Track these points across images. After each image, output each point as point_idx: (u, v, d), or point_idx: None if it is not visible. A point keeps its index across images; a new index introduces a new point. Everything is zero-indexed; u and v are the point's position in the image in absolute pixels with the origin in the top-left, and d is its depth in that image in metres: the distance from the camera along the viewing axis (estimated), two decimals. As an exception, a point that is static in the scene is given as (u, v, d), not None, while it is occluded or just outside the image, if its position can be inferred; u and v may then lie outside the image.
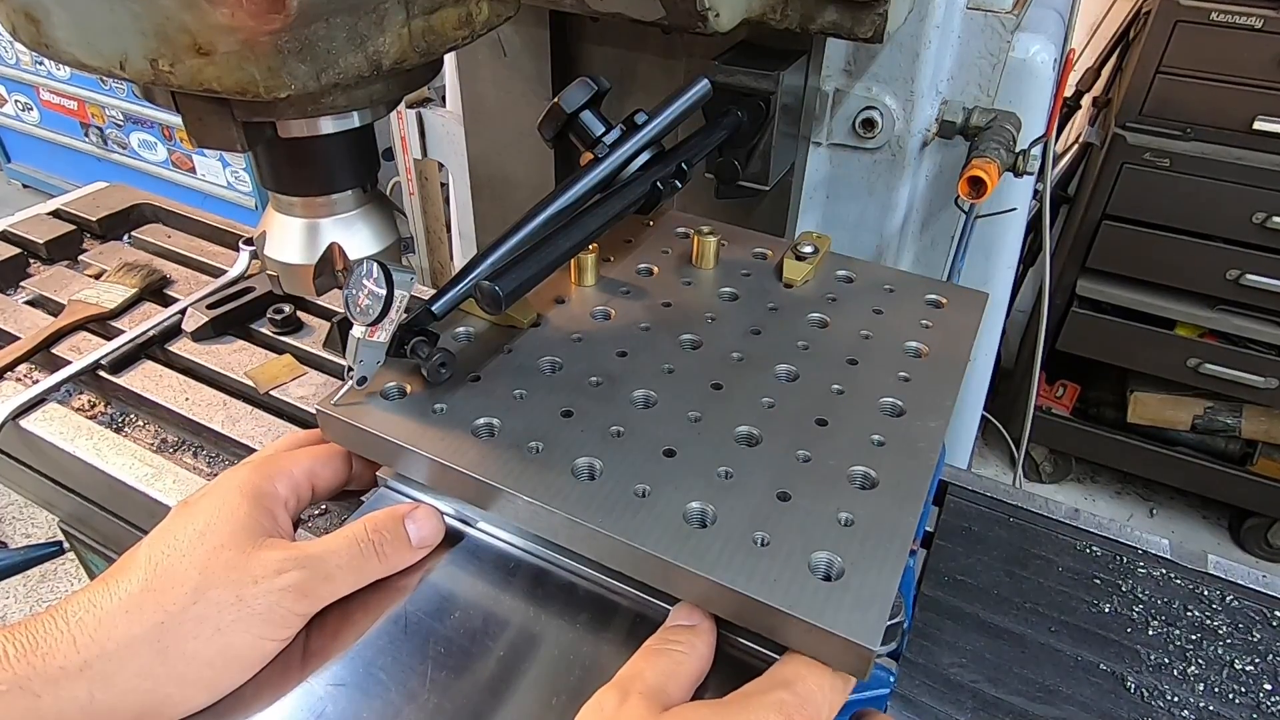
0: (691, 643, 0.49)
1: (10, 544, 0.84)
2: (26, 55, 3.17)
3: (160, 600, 0.48)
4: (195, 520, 0.52)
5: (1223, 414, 2.16)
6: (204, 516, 0.52)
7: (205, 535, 0.51)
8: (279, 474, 0.56)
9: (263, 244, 0.62)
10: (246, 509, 0.53)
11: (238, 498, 0.53)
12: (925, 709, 0.57)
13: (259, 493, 0.54)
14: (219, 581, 0.49)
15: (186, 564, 0.50)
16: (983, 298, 0.72)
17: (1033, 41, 0.96)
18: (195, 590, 0.49)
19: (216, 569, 0.49)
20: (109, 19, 0.42)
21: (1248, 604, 0.64)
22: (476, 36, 0.52)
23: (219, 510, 0.52)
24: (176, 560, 0.50)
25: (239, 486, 0.54)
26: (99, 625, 0.47)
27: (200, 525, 0.52)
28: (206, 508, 0.53)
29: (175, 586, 0.49)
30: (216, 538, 0.51)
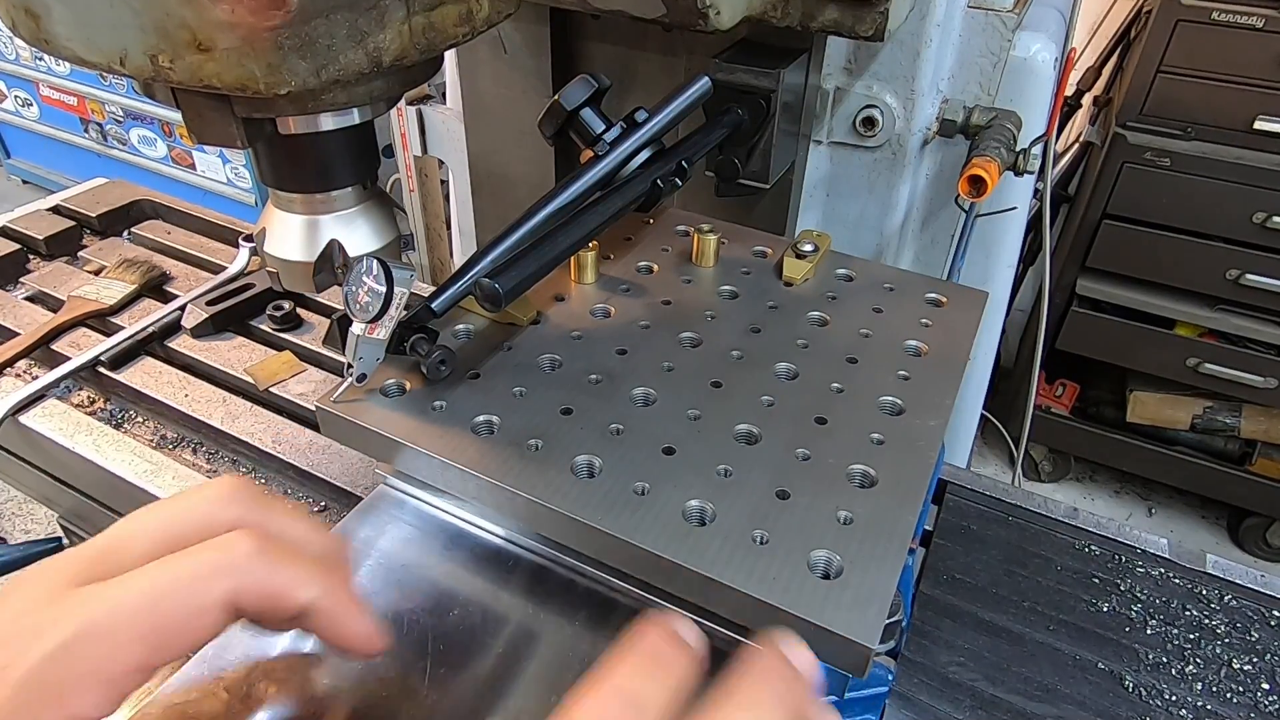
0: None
1: (9, 540, 0.84)
2: (26, 51, 3.17)
3: None
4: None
5: (1222, 413, 2.16)
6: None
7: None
8: (75, 697, 0.33)
9: (262, 241, 0.62)
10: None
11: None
12: (924, 707, 0.57)
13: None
14: None
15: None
16: (983, 296, 0.72)
17: (1034, 40, 0.96)
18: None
19: None
20: (109, 15, 0.42)
21: (1246, 603, 0.64)
22: (477, 33, 0.52)
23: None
24: None
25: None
26: None
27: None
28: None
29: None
30: None
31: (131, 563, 0.36)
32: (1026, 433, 1.55)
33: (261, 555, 0.37)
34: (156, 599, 0.34)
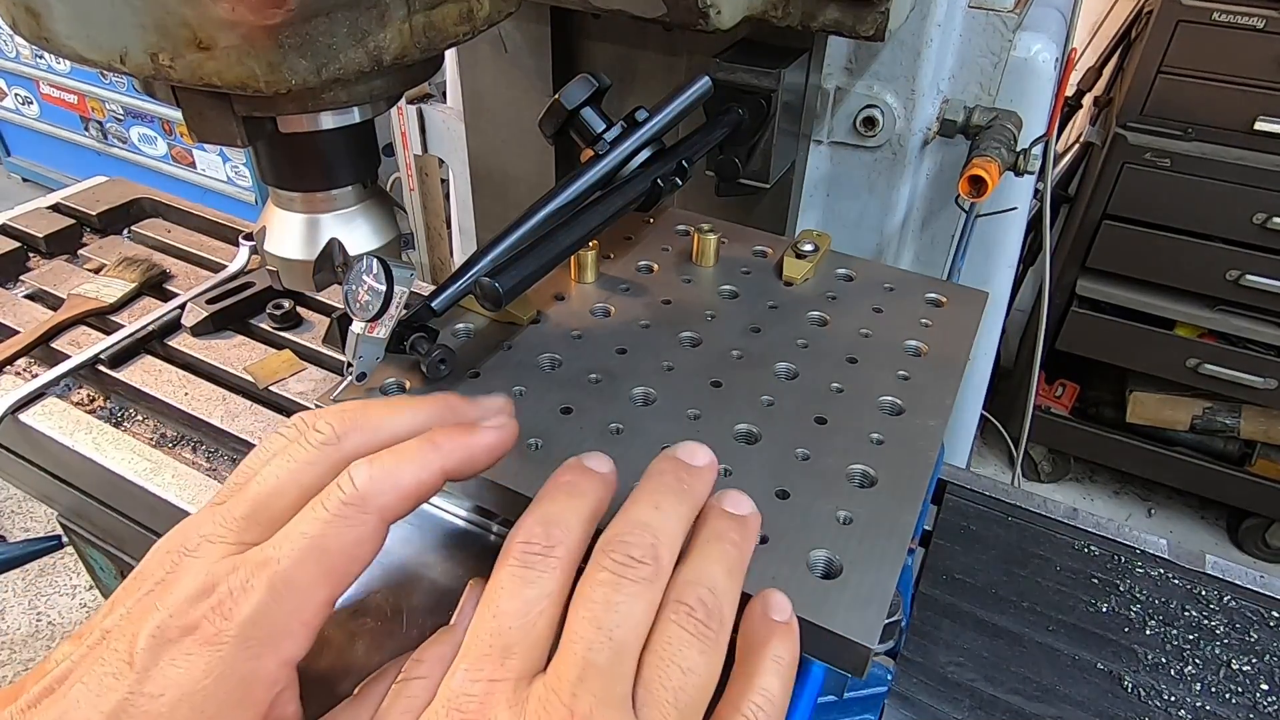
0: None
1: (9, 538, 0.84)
2: (26, 49, 3.17)
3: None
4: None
5: (1221, 414, 2.16)
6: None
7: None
8: (287, 640, 0.36)
9: (262, 239, 0.62)
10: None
11: (203, 704, 0.34)
12: (922, 707, 0.57)
13: (246, 688, 0.35)
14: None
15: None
16: (983, 297, 0.72)
17: (1034, 40, 0.96)
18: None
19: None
20: (109, 13, 0.42)
21: (1245, 604, 0.64)
22: (477, 32, 0.52)
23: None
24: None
25: (208, 684, 0.34)
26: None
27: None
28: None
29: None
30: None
31: (283, 516, 0.38)
32: (1026, 433, 1.55)
33: (384, 475, 0.38)
34: (323, 542, 0.37)
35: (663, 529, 0.38)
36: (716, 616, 0.37)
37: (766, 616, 0.40)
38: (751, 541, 0.41)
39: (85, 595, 2.13)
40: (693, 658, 0.35)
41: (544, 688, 0.34)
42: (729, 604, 0.38)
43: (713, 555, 0.39)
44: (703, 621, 0.36)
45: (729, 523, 0.41)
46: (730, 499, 0.42)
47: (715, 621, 0.36)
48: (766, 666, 0.38)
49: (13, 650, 2.02)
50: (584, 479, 0.41)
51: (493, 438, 0.43)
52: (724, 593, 0.38)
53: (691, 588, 0.37)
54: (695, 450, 0.43)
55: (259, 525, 0.38)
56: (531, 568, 0.37)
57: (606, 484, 0.42)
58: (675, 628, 0.36)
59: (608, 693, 0.33)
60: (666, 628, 0.36)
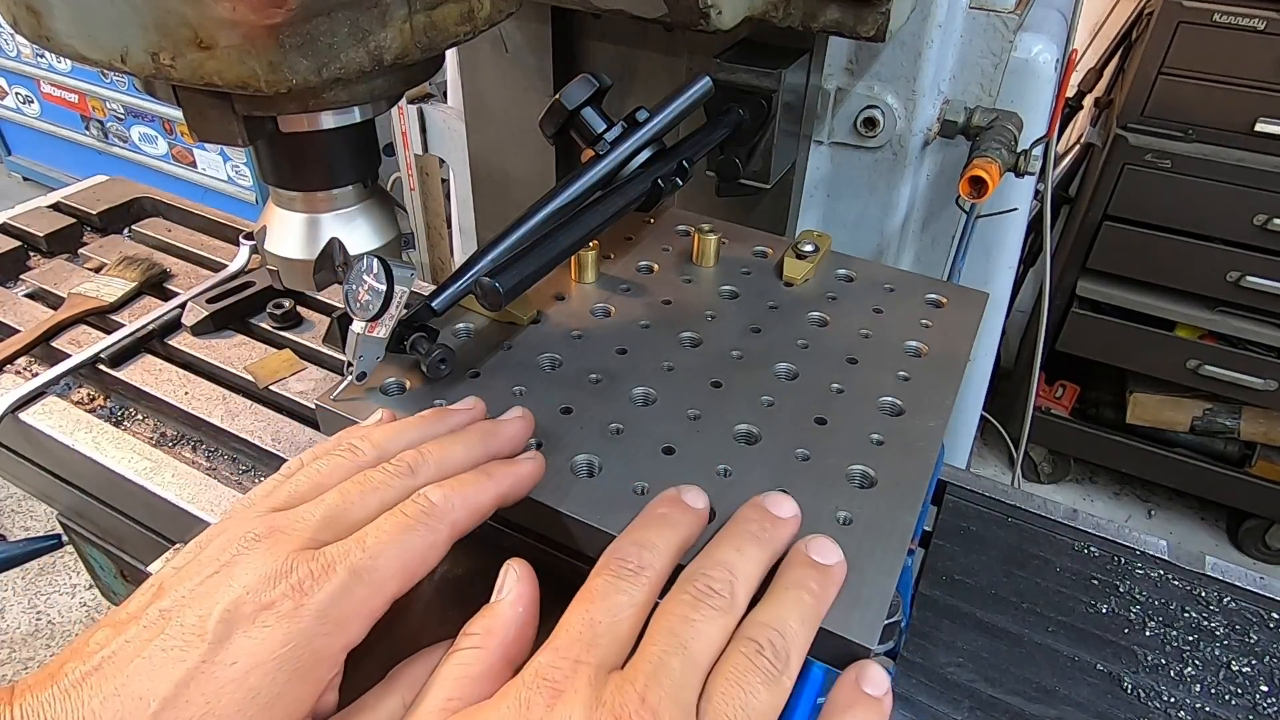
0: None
1: (9, 536, 0.84)
2: (27, 48, 3.17)
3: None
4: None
5: (1222, 415, 2.16)
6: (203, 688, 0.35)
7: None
8: (353, 625, 0.39)
9: (263, 239, 0.62)
10: (280, 690, 0.36)
11: (274, 672, 0.36)
12: (922, 708, 0.57)
13: (313, 663, 0.37)
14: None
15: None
16: (983, 297, 0.72)
17: (1035, 41, 0.96)
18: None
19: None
20: (110, 12, 0.42)
21: (1245, 605, 0.64)
22: (478, 32, 0.52)
23: (235, 685, 0.35)
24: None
25: (283, 652, 0.36)
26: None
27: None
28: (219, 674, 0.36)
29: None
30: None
31: (358, 525, 0.42)
32: (1026, 434, 1.55)
33: (456, 495, 0.44)
34: (405, 542, 0.41)
35: (741, 570, 0.41)
36: (783, 658, 0.39)
37: (858, 687, 0.41)
38: (832, 592, 0.43)
39: (85, 594, 2.13)
40: (757, 688, 0.37)
41: (621, 677, 0.37)
42: (797, 649, 0.39)
43: (788, 600, 0.41)
44: (770, 660, 0.38)
45: (810, 571, 0.43)
46: (817, 546, 0.44)
47: (781, 662, 0.38)
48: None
49: (12, 649, 2.02)
50: (679, 512, 0.45)
51: (532, 468, 0.49)
52: (794, 637, 0.40)
53: (763, 628, 0.39)
54: (781, 501, 0.46)
55: (333, 529, 0.42)
56: (623, 579, 0.41)
57: (699, 520, 0.46)
58: (744, 658, 0.38)
59: (676, 695, 0.36)
60: (735, 657, 0.38)
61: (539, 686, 0.37)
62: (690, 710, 0.36)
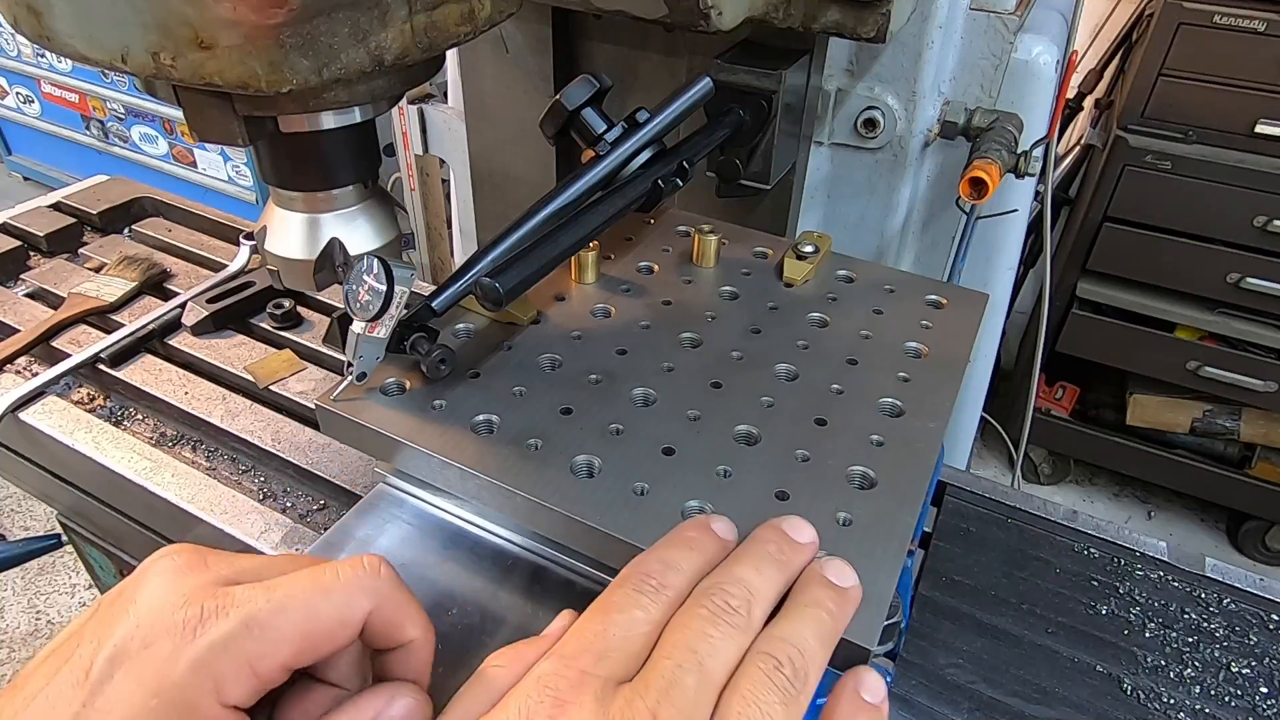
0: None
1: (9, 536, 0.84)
2: (28, 47, 3.17)
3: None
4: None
5: (1222, 417, 2.16)
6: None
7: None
8: (234, 673, 0.36)
9: (263, 239, 0.62)
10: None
11: (140, 708, 0.34)
12: (921, 709, 0.57)
13: (179, 710, 0.34)
14: None
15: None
16: (983, 299, 0.72)
17: (1035, 43, 0.96)
18: None
19: None
20: (111, 12, 0.42)
21: (1245, 607, 0.64)
22: (479, 33, 0.52)
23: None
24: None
25: (153, 704, 0.34)
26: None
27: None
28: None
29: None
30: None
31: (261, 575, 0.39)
32: (1026, 435, 1.55)
33: (396, 585, 0.41)
34: (314, 604, 0.38)
35: (758, 588, 0.40)
36: (801, 675, 0.37)
37: (857, 694, 0.40)
38: (847, 613, 0.42)
39: (84, 594, 2.13)
40: (773, 706, 0.36)
41: (631, 691, 0.35)
42: (814, 668, 0.38)
43: (807, 619, 0.40)
44: (788, 677, 0.37)
45: (828, 592, 0.42)
46: (834, 568, 0.43)
47: (799, 680, 0.37)
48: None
49: (12, 649, 2.02)
50: (706, 538, 0.44)
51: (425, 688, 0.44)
52: (811, 655, 0.38)
53: (781, 644, 0.38)
54: (800, 527, 0.45)
55: (252, 579, 0.39)
56: (644, 594, 0.39)
57: (723, 548, 0.44)
58: (760, 675, 0.37)
59: (690, 711, 0.34)
60: (752, 673, 0.37)
61: (541, 696, 0.35)
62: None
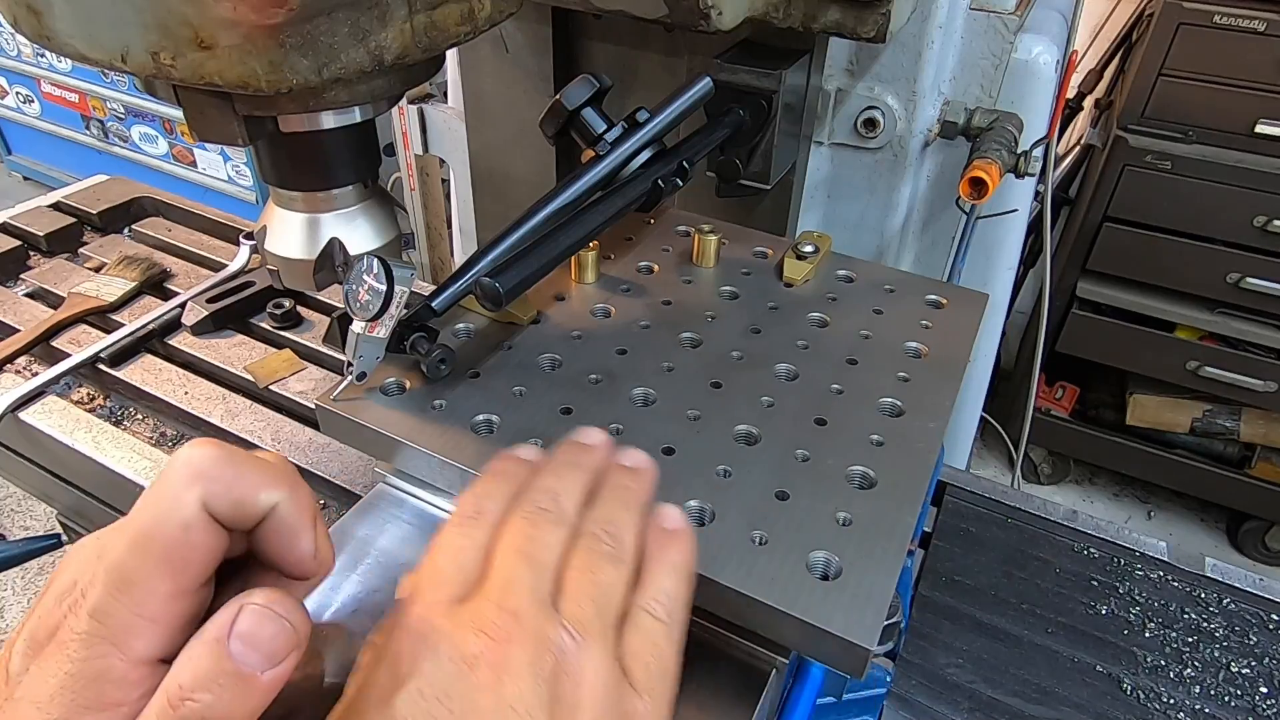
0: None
1: (9, 536, 0.84)
2: (28, 47, 3.17)
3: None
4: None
5: (1222, 417, 2.16)
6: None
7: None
8: (126, 629, 0.35)
9: (263, 238, 0.62)
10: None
11: (61, 706, 0.33)
12: (921, 709, 0.57)
13: (98, 688, 0.34)
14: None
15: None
16: (983, 298, 0.72)
17: (1035, 42, 0.96)
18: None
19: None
20: (110, 12, 0.42)
21: (1244, 607, 0.64)
22: (479, 33, 0.52)
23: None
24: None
25: (64, 682, 0.34)
26: None
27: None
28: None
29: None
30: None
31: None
32: (1026, 435, 1.55)
33: (224, 460, 0.38)
34: (148, 529, 0.36)
35: (562, 488, 0.44)
36: (619, 539, 0.41)
37: (659, 527, 0.44)
38: (646, 486, 0.46)
39: (84, 594, 2.13)
40: (604, 568, 0.40)
41: (474, 599, 0.38)
42: (630, 530, 0.42)
43: (610, 498, 0.44)
44: (608, 544, 0.41)
45: (625, 473, 0.46)
46: (628, 455, 0.47)
47: (618, 543, 0.41)
48: (664, 570, 0.42)
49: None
50: (514, 465, 0.46)
51: (323, 552, 0.43)
52: (624, 523, 0.43)
53: (595, 522, 0.42)
54: (588, 432, 0.48)
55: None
56: (466, 526, 0.42)
57: (531, 469, 0.46)
58: (585, 550, 0.41)
59: (532, 594, 0.38)
60: (578, 552, 0.41)
61: (400, 637, 0.37)
62: (546, 603, 0.38)
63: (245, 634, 0.36)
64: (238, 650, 0.35)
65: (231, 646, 0.35)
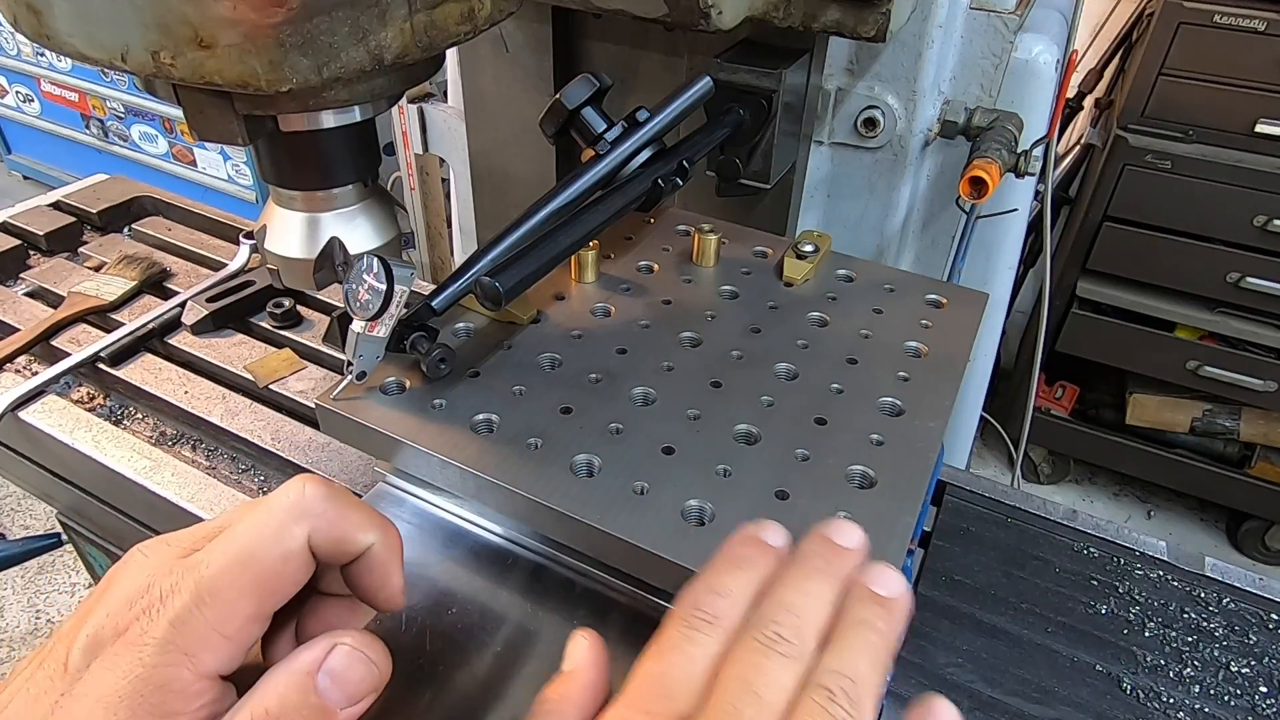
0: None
1: (9, 535, 0.84)
2: (28, 46, 3.17)
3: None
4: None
5: (1221, 416, 2.16)
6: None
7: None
8: (203, 642, 0.36)
9: (263, 238, 0.62)
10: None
11: (122, 710, 0.34)
12: (921, 708, 0.57)
13: (162, 697, 0.35)
14: None
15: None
16: (983, 298, 0.72)
17: (1035, 42, 0.96)
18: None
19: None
20: (110, 11, 0.42)
21: (1244, 607, 0.64)
22: (479, 32, 0.52)
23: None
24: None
25: (129, 686, 0.35)
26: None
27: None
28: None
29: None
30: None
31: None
32: (1026, 434, 1.55)
33: (331, 499, 0.40)
34: (251, 551, 0.38)
35: (807, 612, 0.39)
36: (858, 705, 0.37)
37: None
38: (899, 627, 0.41)
39: (84, 593, 2.13)
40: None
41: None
42: (870, 693, 0.38)
43: (857, 645, 0.39)
44: (845, 709, 0.36)
45: (876, 610, 0.40)
46: (879, 578, 0.41)
47: (856, 708, 0.37)
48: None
49: (11, 648, 2.02)
50: (757, 553, 0.42)
51: (401, 590, 0.45)
52: (865, 681, 0.38)
53: (835, 676, 0.38)
54: (845, 530, 0.43)
55: (199, 541, 0.40)
56: (698, 630, 0.38)
57: (778, 559, 0.42)
58: (816, 706, 0.36)
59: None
60: (808, 705, 0.36)
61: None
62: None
63: (335, 672, 0.38)
64: (324, 686, 0.37)
65: (319, 681, 0.37)
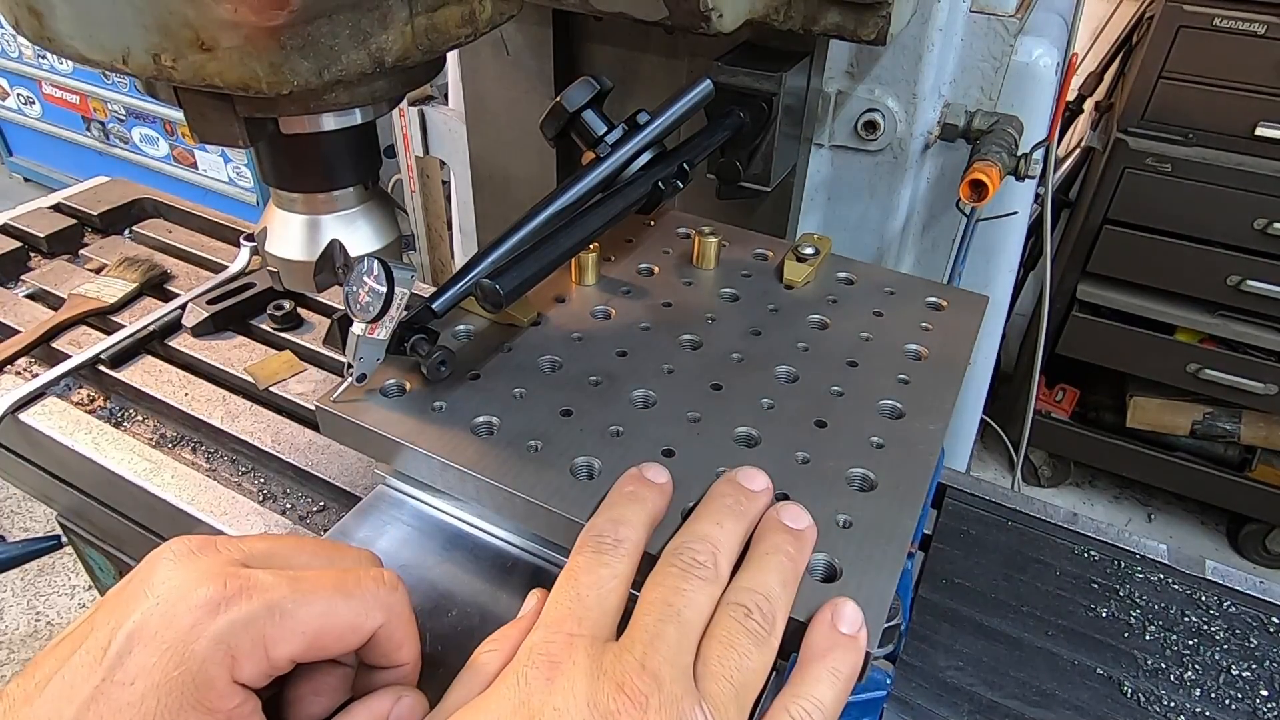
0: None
1: (9, 537, 0.84)
2: (29, 49, 3.17)
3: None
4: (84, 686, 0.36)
5: (1222, 419, 2.16)
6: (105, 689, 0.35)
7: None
8: (250, 651, 0.37)
9: (264, 240, 0.62)
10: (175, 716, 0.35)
11: (165, 696, 0.35)
12: (921, 712, 0.57)
13: (204, 692, 0.36)
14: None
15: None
16: (983, 301, 0.72)
17: (1036, 45, 0.96)
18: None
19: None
20: (111, 13, 0.42)
21: (1245, 610, 0.64)
22: (479, 35, 0.52)
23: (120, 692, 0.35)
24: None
25: (176, 675, 0.35)
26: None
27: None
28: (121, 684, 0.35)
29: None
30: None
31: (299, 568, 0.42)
32: (1026, 437, 1.55)
33: (407, 606, 0.44)
34: (334, 605, 0.40)
35: (721, 542, 0.43)
36: (769, 619, 0.41)
37: (833, 627, 0.42)
38: (806, 554, 0.45)
39: (84, 595, 2.13)
40: (748, 648, 0.39)
41: (619, 647, 0.38)
42: (781, 609, 0.42)
43: (769, 566, 0.43)
44: (758, 622, 0.40)
45: (785, 536, 0.45)
46: (789, 512, 0.46)
47: (768, 623, 0.40)
48: (821, 675, 0.40)
49: (11, 650, 2.02)
50: (644, 488, 0.47)
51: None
52: (777, 599, 0.42)
53: (748, 593, 0.41)
54: (754, 475, 0.48)
55: (271, 563, 0.42)
56: (604, 553, 0.42)
57: (664, 493, 0.47)
58: (733, 622, 0.40)
59: (674, 659, 0.37)
60: (725, 621, 0.40)
61: (535, 662, 0.37)
62: (688, 673, 0.38)
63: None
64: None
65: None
